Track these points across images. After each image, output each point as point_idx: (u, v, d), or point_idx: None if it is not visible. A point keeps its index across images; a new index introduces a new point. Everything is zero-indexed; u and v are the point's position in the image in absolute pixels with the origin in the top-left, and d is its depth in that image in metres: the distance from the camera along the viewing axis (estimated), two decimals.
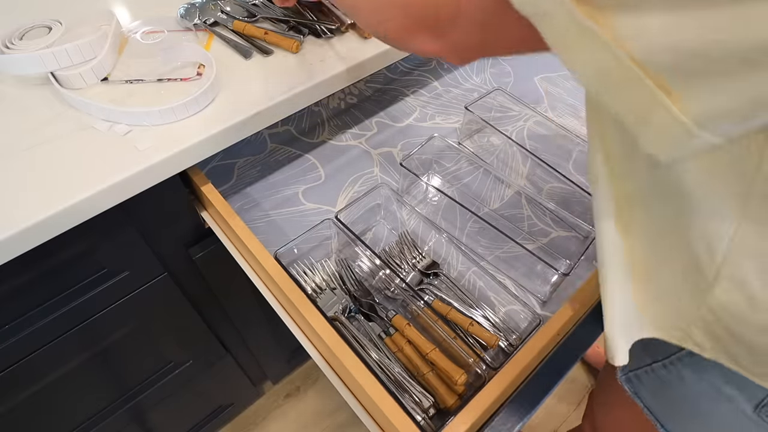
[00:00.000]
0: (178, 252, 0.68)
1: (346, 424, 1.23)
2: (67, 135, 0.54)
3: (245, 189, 0.71)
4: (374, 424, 0.47)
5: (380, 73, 0.91)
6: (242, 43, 0.65)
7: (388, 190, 0.63)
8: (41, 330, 0.59)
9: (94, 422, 0.80)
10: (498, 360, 0.53)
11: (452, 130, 0.81)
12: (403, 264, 0.61)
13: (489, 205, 0.69)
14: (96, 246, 0.58)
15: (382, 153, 0.77)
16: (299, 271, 0.60)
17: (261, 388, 1.26)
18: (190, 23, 0.66)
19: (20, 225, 0.46)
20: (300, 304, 0.49)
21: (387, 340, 0.54)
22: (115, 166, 0.51)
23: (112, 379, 0.78)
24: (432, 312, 0.55)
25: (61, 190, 0.48)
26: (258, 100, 0.58)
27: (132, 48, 0.63)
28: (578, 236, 0.65)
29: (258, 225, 0.66)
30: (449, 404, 0.49)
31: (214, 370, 0.96)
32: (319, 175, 0.73)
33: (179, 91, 0.58)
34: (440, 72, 0.92)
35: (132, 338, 0.73)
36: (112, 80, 0.59)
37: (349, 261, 0.61)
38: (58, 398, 0.70)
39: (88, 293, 0.61)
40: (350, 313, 0.57)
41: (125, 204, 0.53)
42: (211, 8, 0.68)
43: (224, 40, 0.65)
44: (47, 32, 0.59)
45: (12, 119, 0.55)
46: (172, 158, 0.53)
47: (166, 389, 0.87)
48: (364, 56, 0.65)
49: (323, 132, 0.80)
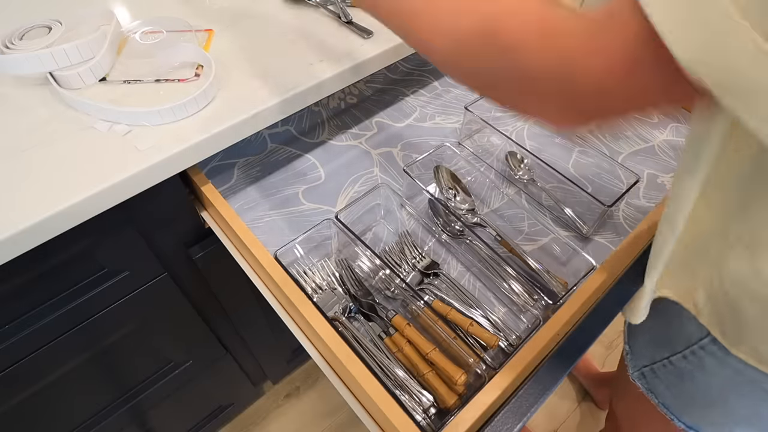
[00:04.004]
0: (178, 252, 0.68)
1: (346, 424, 1.23)
2: (66, 135, 0.54)
3: (245, 189, 0.71)
4: (374, 424, 0.47)
5: (380, 73, 0.91)
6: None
7: (388, 190, 0.63)
8: (41, 330, 0.59)
9: (94, 422, 0.80)
10: (498, 360, 0.53)
11: (452, 130, 0.81)
12: (403, 264, 0.61)
13: (489, 206, 0.69)
14: (96, 246, 0.58)
15: (382, 153, 0.77)
16: (299, 271, 0.60)
17: (261, 388, 1.26)
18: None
19: (20, 225, 0.46)
20: (300, 304, 0.49)
21: (387, 340, 0.54)
22: (115, 166, 0.51)
23: (112, 379, 0.78)
24: (432, 312, 0.55)
25: (61, 190, 0.48)
26: (258, 100, 0.58)
27: (131, 48, 0.63)
28: (578, 236, 0.65)
29: (258, 225, 0.66)
30: (449, 404, 0.49)
31: (214, 370, 0.96)
32: (319, 175, 0.73)
33: (178, 91, 0.58)
34: (440, 72, 0.92)
35: (132, 338, 0.72)
36: (110, 80, 0.59)
37: (349, 261, 0.61)
38: (58, 398, 0.70)
39: (87, 293, 0.61)
40: (350, 313, 0.57)
41: (125, 204, 0.53)
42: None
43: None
44: (47, 32, 0.59)
45: (12, 119, 0.55)
46: (172, 158, 0.53)
47: (166, 389, 0.87)
48: (364, 56, 0.65)
49: (323, 132, 0.80)
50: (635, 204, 0.70)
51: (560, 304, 0.51)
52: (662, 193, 0.71)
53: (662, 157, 0.77)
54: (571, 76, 0.28)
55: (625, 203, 0.70)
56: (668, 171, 0.75)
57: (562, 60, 0.28)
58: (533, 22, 0.29)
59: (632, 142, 0.79)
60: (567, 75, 0.28)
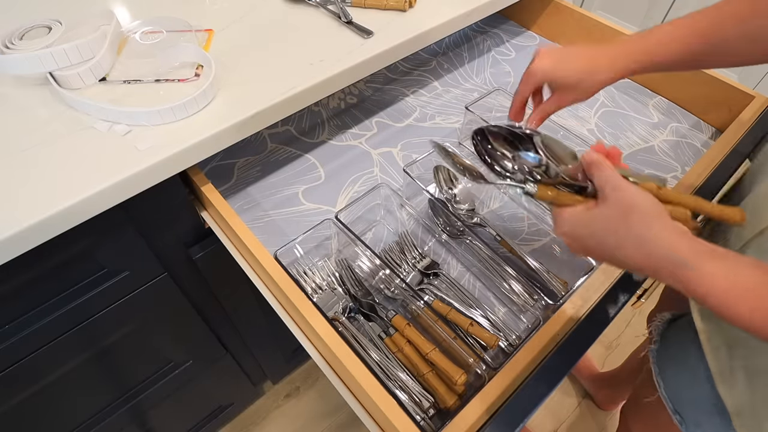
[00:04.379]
0: (178, 252, 0.68)
1: (346, 424, 1.23)
2: (66, 135, 0.54)
3: (245, 189, 0.71)
4: (374, 424, 0.47)
5: (380, 73, 0.91)
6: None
7: (388, 190, 0.63)
8: (41, 330, 0.59)
9: (94, 422, 0.80)
10: (498, 360, 0.53)
11: (452, 130, 0.81)
12: (403, 264, 0.61)
13: (489, 206, 0.69)
14: (96, 246, 0.58)
15: (382, 153, 0.77)
16: (299, 271, 0.60)
17: (261, 388, 1.26)
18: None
19: (20, 225, 0.46)
20: (300, 304, 0.49)
21: (387, 340, 0.54)
22: (115, 166, 0.51)
23: (112, 379, 0.78)
24: (432, 312, 0.55)
25: (61, 190, 0.48)
26: (258, 100, 0.58)
27: (131, 48, 0.63)
28: None
29: (258, 225, 0.66)
30: (449, 404, 0.49)
31: (214, 370, 0.96)
32: (319, 175, 0.73)
33: (178, 91, 0.58)
34: (440, 72, 0.92)
35: (132, 338, 0.72)
36: (110, 80, 0.59)
37: (349, 261, 0.61)
38: (58, 398, 0.70)
39: (88, 293, 0.61)
40: (350, 313, 0.57)
41: (125, 204, 0.53)
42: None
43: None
44: (47, 32, 0.59)
45: (12, 120, 0.55)
46: (172, 158, 0.53)
47: (166, 389, 0.87)
48: (364, 56, 0.65)
49: (323, 132, 0.80)
50: None
51: (560, 304, 0.51)
52: None
53: (662, 157, 0.77)
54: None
55: None
56: (668, 171, 0.75)
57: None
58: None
59: (632, 142, 0.79)
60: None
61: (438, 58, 0.95)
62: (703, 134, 0.81)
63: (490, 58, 0.95)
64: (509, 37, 1.00)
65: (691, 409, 0.56)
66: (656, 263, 0.35)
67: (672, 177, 0.74)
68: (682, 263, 0.34)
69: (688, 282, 0.33)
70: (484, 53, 0.96)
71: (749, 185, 0.56)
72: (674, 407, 0.58)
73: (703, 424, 0.55)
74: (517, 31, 1.02)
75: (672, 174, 0.74)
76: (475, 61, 0.94)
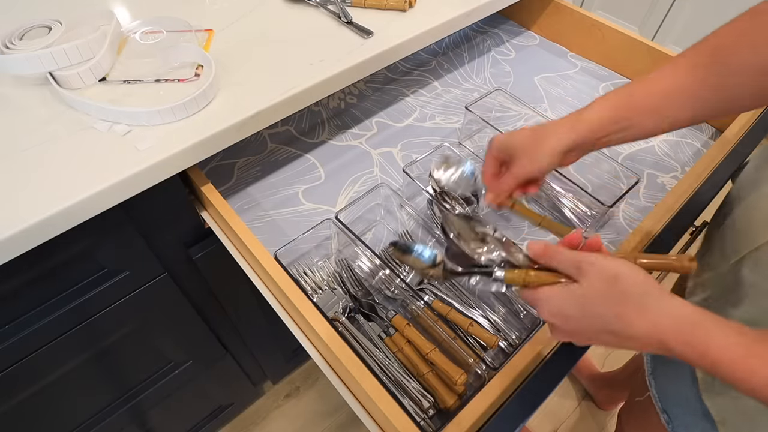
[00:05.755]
0: (178, 252, 0.68)
1: (346, 424, 1.23)
2: (66, 135, 0.54)
3: (245, 189, 0.71)
4: (374, 424, 0.47)
5: (380, 73, 0.91)
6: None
7: (388, 190, 0.63)
8: (41, 330, 0.59)
9: (94, 422, 0.80)
10: (498, 360, 0.53)
11: (452, 130, 0.81)
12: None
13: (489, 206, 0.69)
14: (96, 246, 0.58)
15: (382, 153, 0.77)
16: (299, 271, 0.60)
17: (261, 388, 1.26)
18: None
19: (20, 225, 0.46)
20: (300, 304, 0.49)
21: (387, 340, 0.54)
22: (115, 166, 0.51)
23: (112, 379, 0.78)
24: (432, 312, 0.55)
25: (61, 190, 0.48)
26: (257, 100, 0.58)
27: (131, 48, 0.63)
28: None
29: (258, 225, 0.66)
30: (449, 404, 0.49)
31: (214, 370, 0.96)
32: (319, 175, 0.73)
33: (178, 91, 0.58)
34: (440, 72, 0.92)
35: (132, 338, 0.72)
36: (110, 80, 0.59)
37: (349, 261, 0.61)
38: (58, 398, 0.70)
39: (88, 293, 0.61)
40: (350, 313, 0.57)
41: (125, 204, 0.53)
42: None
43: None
44: (47, 32, 0.59)
45: (12, 120, 0.55)
46: (172, 158, 0.53)
47: (166, 389, 0.87)
48: (364, 56, 0.65)
49: (323, 132, 0.80)
50: (635, 204, 0.70)
51: None
52: (662, 193, 0.71)
53: (662, 157, 0.77)
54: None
55: (625, 203, 0.70)
56: (668, 171, 0.75)
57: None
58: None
59: (632, 142, 0.79)
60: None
61: (438, 58, 0.95)
62: (703, 134, 0.81)
63: (490, 58, 0.95)
64: (509, 37, 1.00)
65: (680, 410, 0.56)
66: (664, 326, 0.33)
67: (672, 177, 0.74)
68: (698, 322, 0.33)
69: (709, 339, 0.32)
70: (484, 53, 0.96)
71: (736, 200, 0.56)
72: (662, 406, 0.58)
73: (691, 426, 0.55)
74: (517, 31, 1.02)
75: (672, 174, 0.74)
76: (475, 61, 0.95)
